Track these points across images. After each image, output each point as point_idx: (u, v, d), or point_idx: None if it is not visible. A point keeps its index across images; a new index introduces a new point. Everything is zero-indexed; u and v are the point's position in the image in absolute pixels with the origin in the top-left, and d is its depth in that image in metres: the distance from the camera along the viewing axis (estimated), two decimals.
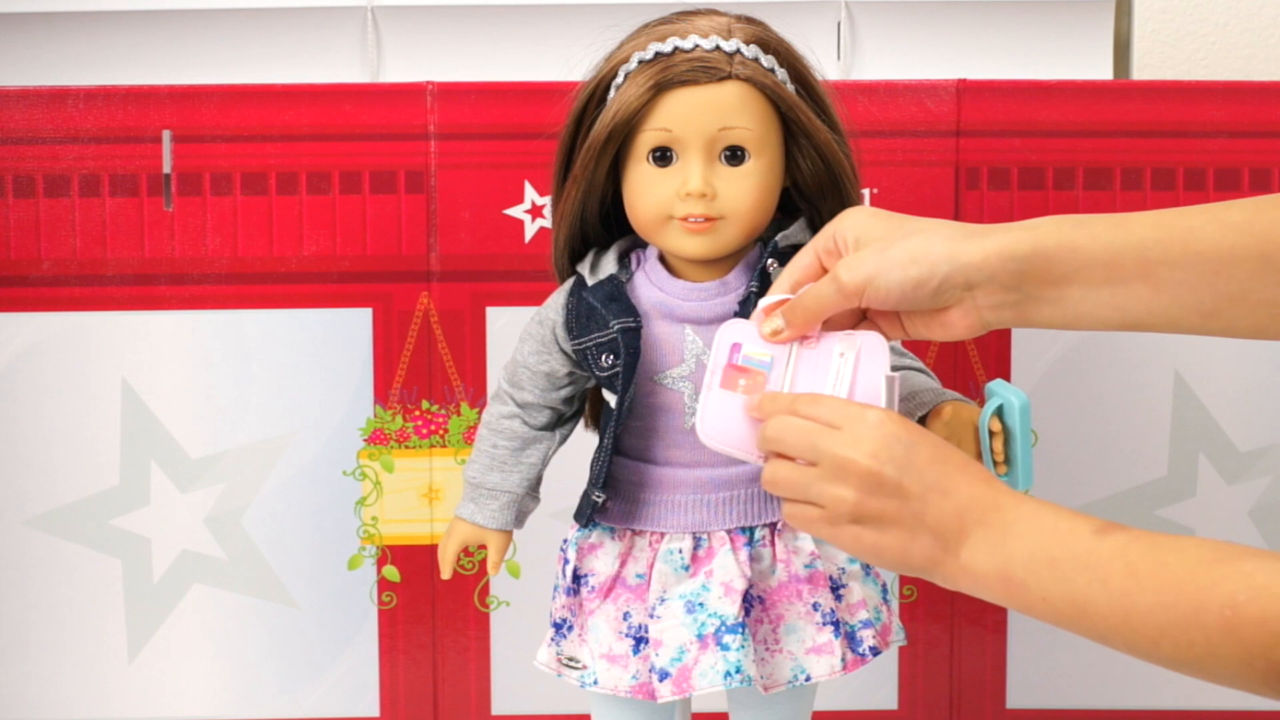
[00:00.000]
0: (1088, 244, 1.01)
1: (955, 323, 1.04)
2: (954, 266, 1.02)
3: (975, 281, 1.02)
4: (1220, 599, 0.86)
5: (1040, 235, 1.02)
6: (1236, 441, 1.48)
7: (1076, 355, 1.48)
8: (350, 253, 1.46)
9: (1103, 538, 0.92)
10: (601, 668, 1.16)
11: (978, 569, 0.95)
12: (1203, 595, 0.86)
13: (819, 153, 1.13)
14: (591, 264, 1.16)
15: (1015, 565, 0.94)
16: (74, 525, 1.48)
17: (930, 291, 1.02)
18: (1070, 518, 0.94)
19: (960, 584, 0.97)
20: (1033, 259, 1.01)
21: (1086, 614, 0.91)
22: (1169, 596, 0.87)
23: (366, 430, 1.48)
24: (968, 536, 0.96)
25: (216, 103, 1.44)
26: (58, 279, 1.46)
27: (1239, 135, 1.44)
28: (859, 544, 0.99)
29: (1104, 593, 0.90)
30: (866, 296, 1.03)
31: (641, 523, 1.16)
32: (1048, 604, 0.93)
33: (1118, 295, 1.01)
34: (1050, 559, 0.92)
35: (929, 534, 0.97)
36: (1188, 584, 0.87)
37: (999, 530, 0.95)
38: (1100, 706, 1.52)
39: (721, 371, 1.07)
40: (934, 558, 0.97)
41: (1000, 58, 1.62)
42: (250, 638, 1.50)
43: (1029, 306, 1.03)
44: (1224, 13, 1.63)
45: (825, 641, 1.14)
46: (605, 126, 1.11)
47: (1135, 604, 0.89)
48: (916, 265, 1.02)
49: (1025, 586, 0.93)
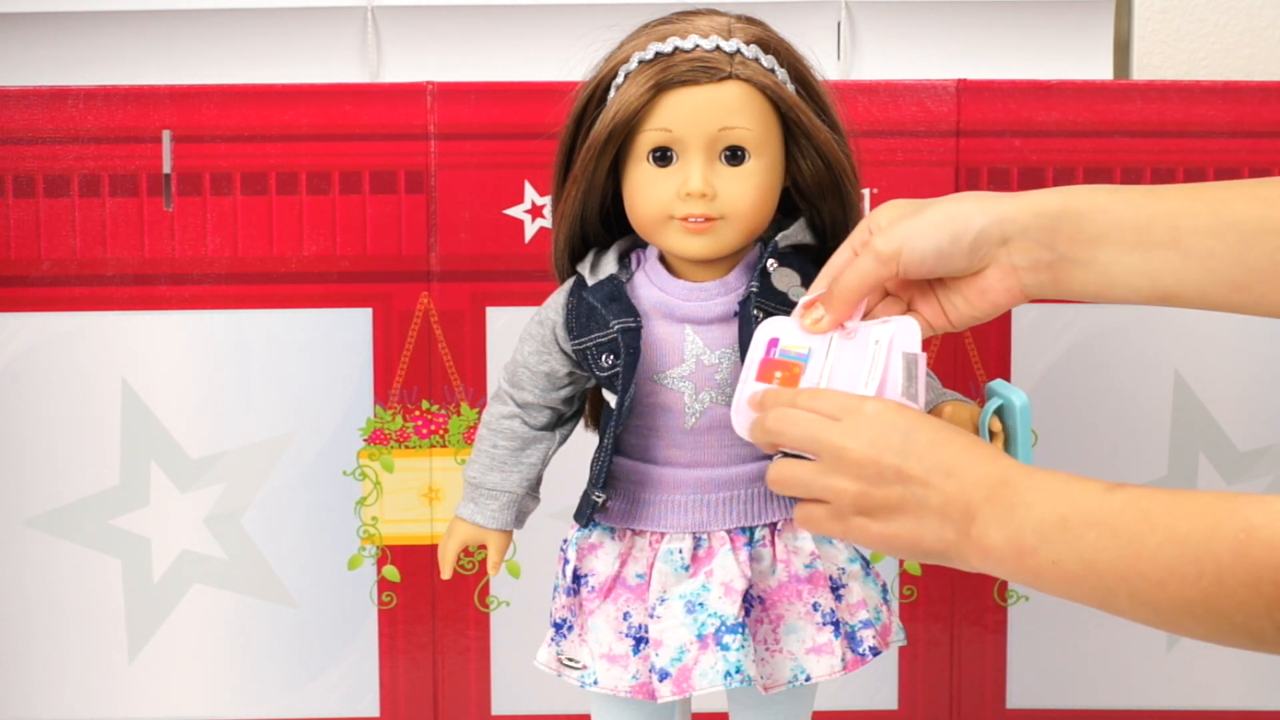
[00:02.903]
0: (1119, 206, 1.02)
1: (993, 286, 1.05)
2: (989, 219, 1.03)
3: (1010, 235, 1.03)
4: (1237, 523, 0.84)
5: (1072, 195, 1.03)
6: (1236, 441, 1.48)
7: (1076, 355, 1.48)
8: (350, 253, 1.46)
9: (1112, 494, 0.90)
10: (601, 668, 1.16)
11: (990, 544, 0.94)
12: (1217, 523, 0.85)
13: (819, 153, 1.13)
14: (591, 264, 1.16)
15: (1026, 532, 0.92)
16: (74, 525, 1.48)
17: (966, 247, 1.03)
18: (1081, 480, 0.92)
19: (975, 563, 0.95)
20: (1064, 216, 1.02)
21: (1095, 570, 0.89)
22: (1181, 530, 0.86)
23: (366, 430, 1.48)
24: (977, 514, 0.94)
25: (216, 103, 1.44)
26: (58, 279, 1.46)
27: (1239, 135, 1.44)
28: (869, 536, 0.99)
29: (1113, 543, 0.88)
30: (903, 261, 1.04)
31: (641, 523, 1.16)
32: (1058, 568, 0.91)
33: (1149, 261, 1.01)
34: (1061, 519, 0.91)
35: (936, 517, 0.96)
36: (1203, 515, 0.86)
37: (1008, 503, 0.93)
38: (1100, 706, 1.52)
39: (758, 365, 1.07)
40: (946, 539, 0.96)
41: (1000, 58, 1.62)
42: (250, 638, 1.50)
43: (1064, 269, 1.03)
44: (1224, 13, 1.63)
45: (825, 641, 1.14)
46: (605, 126, 1.11)
47: (1145, 546, 0.87)
48: (951, 221, 1.03)
49: (1036, 552, 0.91)
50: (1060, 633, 1.51)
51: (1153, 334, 1.48)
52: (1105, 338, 1.48)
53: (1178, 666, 1.51)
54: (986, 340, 1.47)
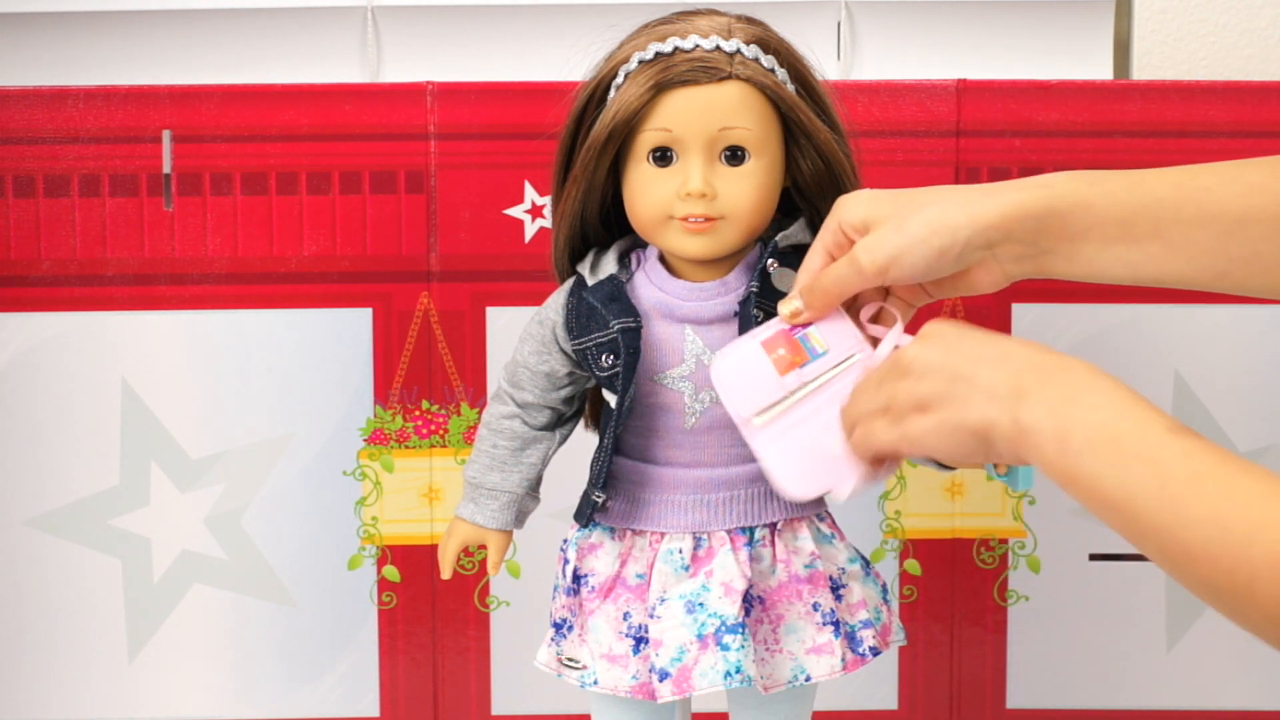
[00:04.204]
0: (1102, 202, 1.02)
1: (979, 280, 1.06)
2: (974, 230, 1.03)
3: (995, 240, 1.03)
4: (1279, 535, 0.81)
5: (1054, 194, 1.02)
6: (1236, 441, 1.48)
7: (1076, 355, 1.48)
8: (350, 253, 1.46)
9: (1174, 436, 0.86)
10: (601, 668, 1.16)
11: (1033, 424, 0.90)
12: (1264, 524, 0.81)
13: (819, 153, 1.13)
14: (591, 264, 1.16)
15: (1076, 433, 0.88)
16: (74, 525, 1.48)
17: (954, 258, 1.03)
18: (1146, 406, 0.88)
19: (1014, 445, 0.92)
20: (1048, 217, 1.02)
21: (1133, 506, 0.85)
22: (1227, 514, 0.82)
23: (366, 430, 1.48)
24: (1028, 393, 0.91)
25: (216, 103, 1.44)
26: (58, 279, 1.46)
27: (1239, 135, 1.44)
28: (921, 431, 0.96)
29: (1159, 490, 0.85)
30: (890, 275, 1.04)
31: (641, 523, 1.16)
32: (1097, 482, 0.87)
33: (1131, 253, 1.02)
34: (1115, 438, 0.87)
35: (983, 395, 0.93)
36: (1252, 508, 0.82)
37: (1066, 392, 0.90)
38: (1100, 706, 1.52)
39: (774, 330, 1.08)
40: (989, 416, 0.92)
41: (1000, 58, 1.62)
42: (250, 638, 1.50)
43: (1045, 259, 1.04)
44: (1224, 13, 1.62)
45: (825, 642, 1.14)
46: (605, 126, 1.11)
47: (1188, 513, 0.83)
48: (938, 236, 1.03)
49: (1080, 457, 0.88)
50: (1060, 633, 1.51)
51: (1153, 334, 1.48)
52: (1105, 338, 1.48)
53: (1178, 666, 1.51)
54: None
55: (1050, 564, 1.50)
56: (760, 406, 1.08)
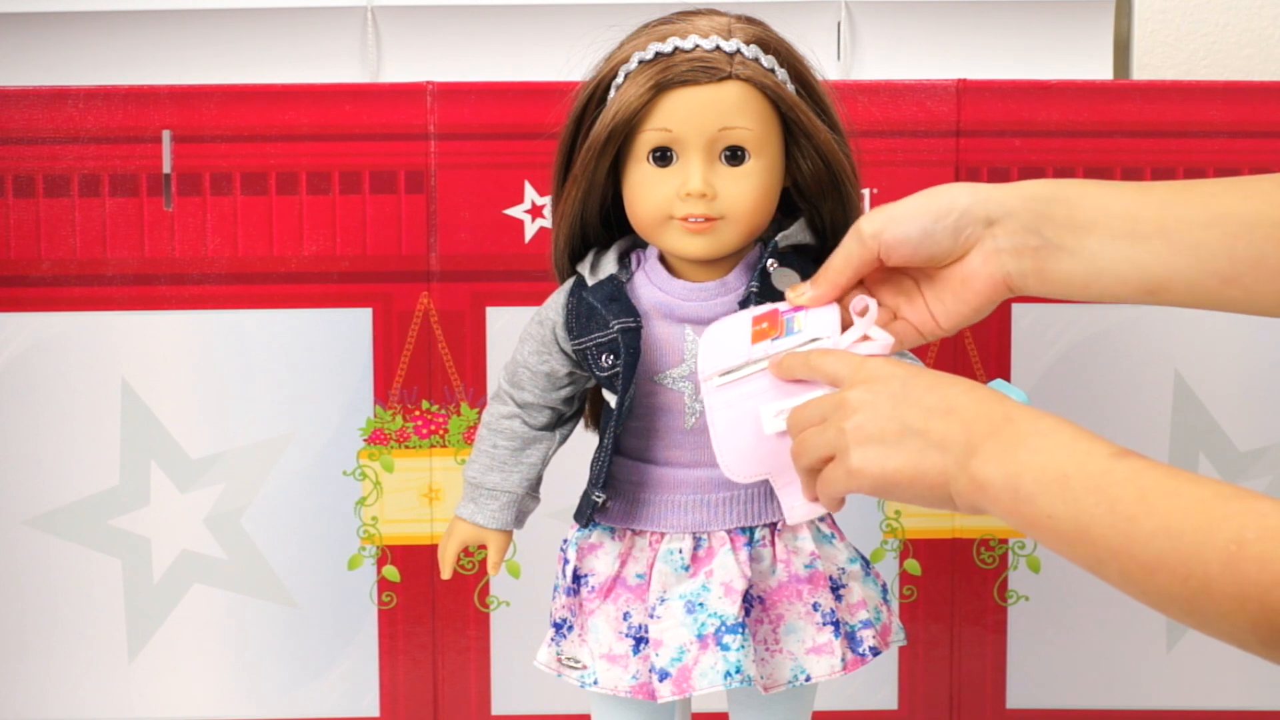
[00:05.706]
0: (1108, 195, 1.03)
1: (976, 273, 1.05)
2: (974, 199, 1.04)
3: (995, 216, 1.04)
4: (1228, 533, 0.82)
5: (1062, 184, 1.04)
6: (1236, 441, 1.48)
7: (1076, 355, 1.48)
8: (350, 253, 1.46)
9: (1118, 461, 0.88)
10: (601, 668, 1.16)
11: (987, 479, 0.92)
12: (1211, 527, 0.83)
13: (819, 153, 1.13)
14: (591, 264, 1.16)
15: (1025, 478, 0.90)
16: (74, 525, 1.48)
17: (950, 226, 1.04)
18: (1089, 438, 0.91)
19: (971, 498, 0.94)
20: (1054, 202, 1.03)
21: (1089, 536, 0.87)
22: (1176, 523, 0.84)
23: (366, 430, 1.48)
24: (978, 448, 0.93)
25: (216, 103, 1.44)
26: (58, 279, 1.46)
27: (1239, 135, 1.44)
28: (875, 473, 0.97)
29: (1110, 515, 0.87)
30: (886, 241, 1.05)
31: (641, 523, 1.16)
32: (1052, 521, 0.89)
33: (1136, 250, 1.02)
34: (1062, 475, 0.89)
35: (937, 449, 0.94)
36: (1198, 514, 0.84)
37: (1011, 441, 0.92)
38: (1100, 706, 1.52)
39: (771, 307, 1.09)
40: (946, 471, 0.94)
41: (1000, 58, 1.62)
42: (250, 638, 1.50)
43: (1049, 256, 1.04)
44: (1224, 13, 1.63)
45: (825, 642, 1.14)
46: (605, 126, 1.11)
47: (1139, 529, 0.85)
48: (935, 199, 1.04)
49: (1033, 501, 0.90)
50: (1060, 633, 1.51)
51: (1153, 334, 1.48)
52: (1105, 338, 1.48)
53: (1178, 666, 1.51)
54: (986, 340, 1.47)
55: (1050, 564, 1.50)
56: (720, 369, 1.08)
